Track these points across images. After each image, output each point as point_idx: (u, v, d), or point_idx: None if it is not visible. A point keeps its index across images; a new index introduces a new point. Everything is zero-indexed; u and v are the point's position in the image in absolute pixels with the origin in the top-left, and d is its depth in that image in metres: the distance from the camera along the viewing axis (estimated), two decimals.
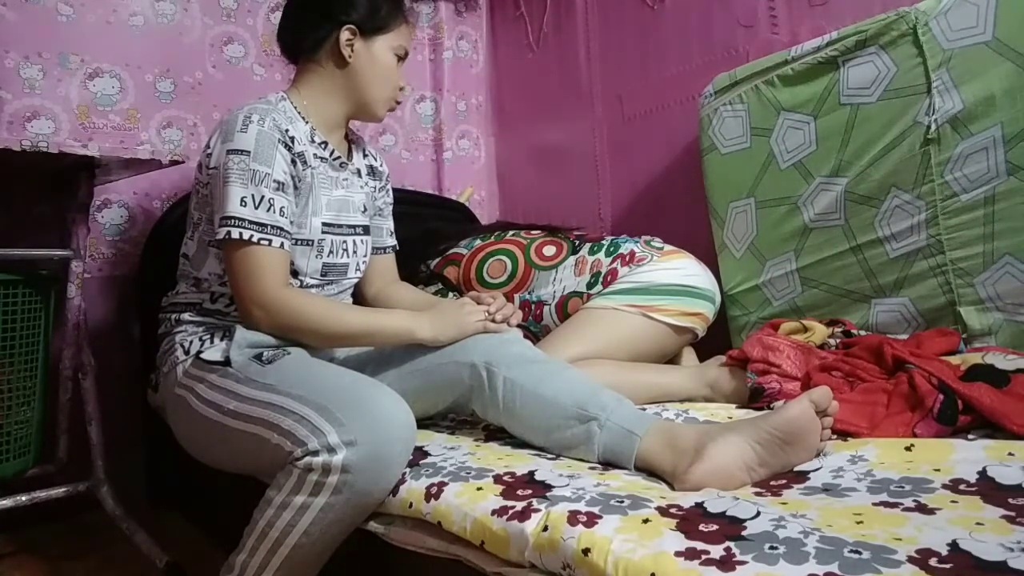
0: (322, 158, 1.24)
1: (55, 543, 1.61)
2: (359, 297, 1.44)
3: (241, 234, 1.08)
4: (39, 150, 1.29)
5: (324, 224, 1.23)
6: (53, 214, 1.71)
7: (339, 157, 1.28)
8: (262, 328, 1.11)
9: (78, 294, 1.50)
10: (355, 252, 1.31)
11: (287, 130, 1.16)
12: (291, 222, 1.15)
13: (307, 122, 1.23)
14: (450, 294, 1.70)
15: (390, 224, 1.48)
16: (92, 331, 1.58)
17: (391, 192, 1.48)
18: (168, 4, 1.91)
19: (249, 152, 1.10)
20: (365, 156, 1.40)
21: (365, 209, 1.35)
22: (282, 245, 1.12)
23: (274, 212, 1.11)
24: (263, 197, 1.10)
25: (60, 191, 1.56)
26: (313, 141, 1.23)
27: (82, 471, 1.53)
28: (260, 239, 1.09)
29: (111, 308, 1.82)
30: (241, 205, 1.08)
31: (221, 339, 1.14)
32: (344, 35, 1.22)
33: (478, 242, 1.69)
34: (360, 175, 1.35)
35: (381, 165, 1.45)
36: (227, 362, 1.09)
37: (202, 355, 1.12)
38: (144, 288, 1.75)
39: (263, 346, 1.10)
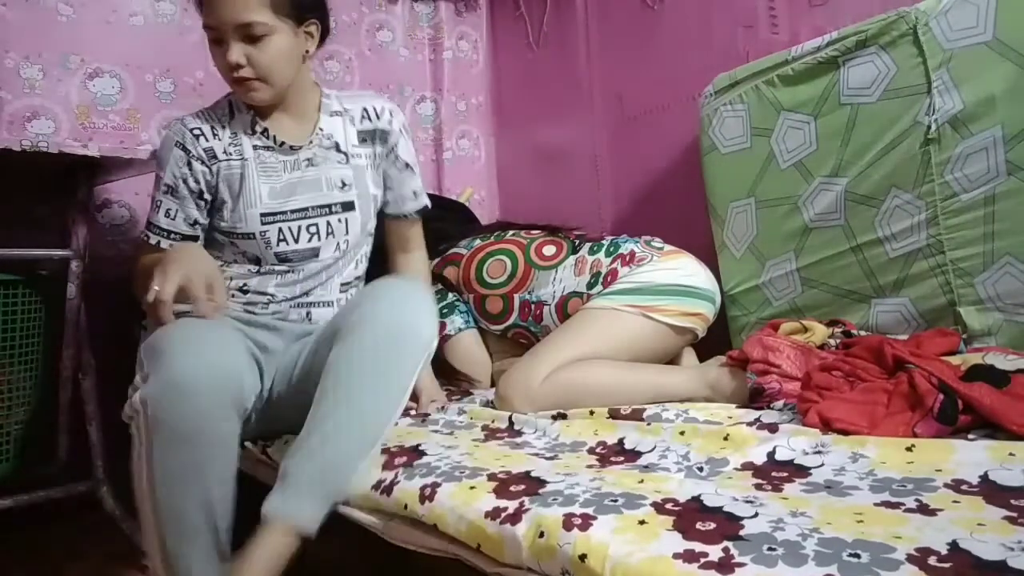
0: (265, 146, 1.24)
1: (55, 543, 1.61)
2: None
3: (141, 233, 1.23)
4: (39, 150, 1.29)
5: (264, 214, 1.22)
6: (53, 214, 1.71)
7: (284, 142, 1.25)
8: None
9: (78, 294, 1.50)
10: (331, 233, 1.28)
11: (194, 129, 1.20)
12: (194, 224, 1.23)
13: (249, 111, 1.24)
14: (449, 294, 1.70)
15: (411, 186, 1.40)
16: (92, 331, 1.58)
17: (405, 150, 1.37)
18: (168, 4, 1.91)
19: (156, 159, 1.22)
20: (363, 119, 1.33)
21: (344, 184, 1.29)
22: (158, 243, 1.21)
23: (158, 213, 1.21)
24: (154, 198, 1.22)
25: (60, 191, 1.56)
26: (254, 131, 1.24)
27: (82, 471, 1.53)
28: (143, 234, 1.23)
29: (111, 308, 1.82)
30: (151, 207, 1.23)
31: None
32: None
33: (478, 242, 1.69)
34: (338, 149, 1.30)
35: (389, 122, 1.34)
36: None
37: (144, 323, 1.25)
38: None
39: None
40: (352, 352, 1.03)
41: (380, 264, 1.47)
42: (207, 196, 1.21)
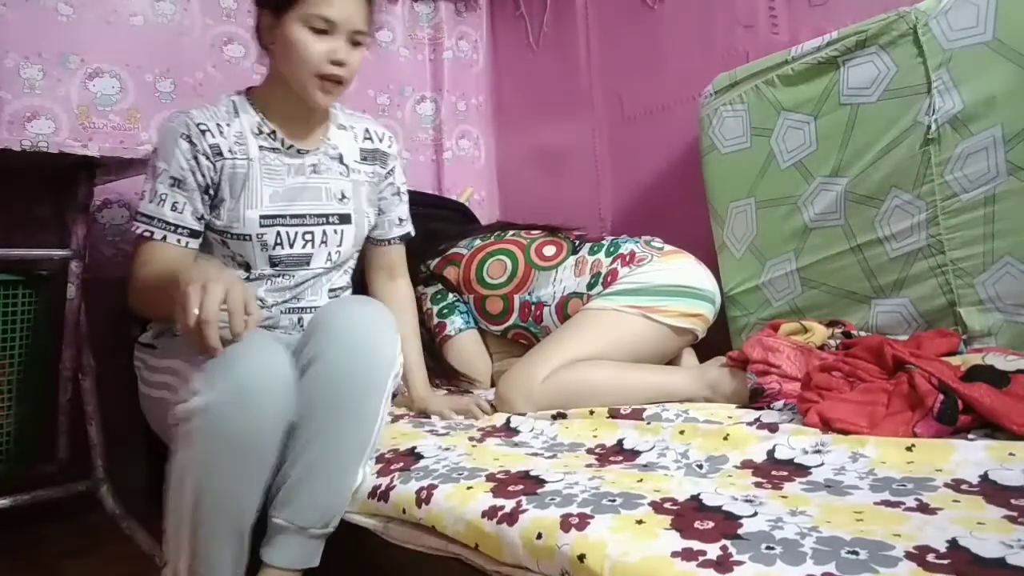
0: (271, 148, 1.22)
1: (55, 543, 1.61)
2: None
3: (135, 227, 1.14)
4: (39, 150, 1.29)
5: (264, 216, 1.20)
6: (53, 214, 1.71)
7: (292, 145, 1.24)
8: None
9: (78, 294, 1.50)
10: (324, 242, 1.27)
11: (200, 124, 1.16)
12: (200, 218, 1.17)
13: (257, 112, 1.22)
14: (449, 295, 1.70)
15: (398, 213, 1.42)
16: (92, 331, 1.58)
17: (400, 176, 1.40)
18: (168, 4, 1.91)
19: (156, 149, 1.16)
20: (365, 139, 1.34)
21: (344, 197, 1.29)
22: (164, 238, 1.14)
23: (163, 206, 1.14)
24: (155, 191, 1.14)
25: (60, 191, 1.56)
26: (261, 132, 1.21)
27: (82, 471, 1.53)
28: (143, 231, 1.13)
29: (111, 308, 1.82)
30: (141, 199, 1.15)
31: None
32: (265, 20, 1.17)
33: (478, 242, 1.69)
34: (341, 161, 1.30)
35: (389, 146, 1.37)
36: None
37: (140, 339, 1.21)
38: None
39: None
40: (314, 389, 1.02)
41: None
42: (210, 192, 1.20)
